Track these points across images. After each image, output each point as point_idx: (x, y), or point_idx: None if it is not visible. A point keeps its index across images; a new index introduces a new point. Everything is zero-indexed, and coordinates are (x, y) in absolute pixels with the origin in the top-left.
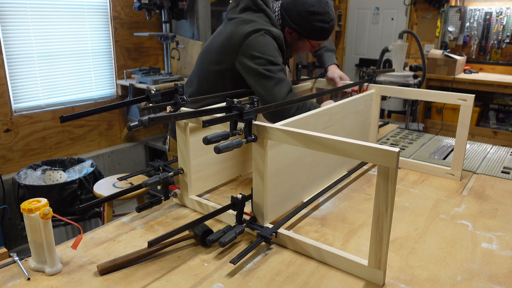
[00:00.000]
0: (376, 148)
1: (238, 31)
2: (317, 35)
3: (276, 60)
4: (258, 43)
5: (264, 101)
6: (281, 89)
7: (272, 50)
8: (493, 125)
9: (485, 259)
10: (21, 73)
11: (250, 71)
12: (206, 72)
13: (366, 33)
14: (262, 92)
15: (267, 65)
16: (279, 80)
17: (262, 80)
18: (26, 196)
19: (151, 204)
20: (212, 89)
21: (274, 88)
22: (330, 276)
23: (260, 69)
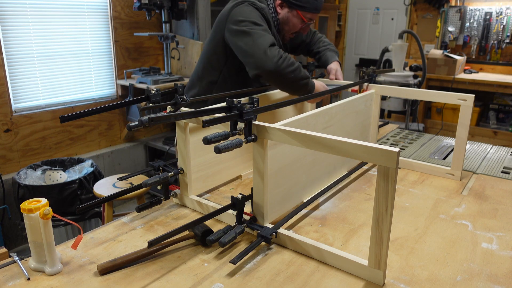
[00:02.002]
0: (376, 148)
1: (226, 7)
2: (306, 3)
3: (259, 22)
4: (242, 11)
5: (247, 55)
6: (263, 41)
7: (256, 17)
8: (493, 125)
9: (485, 259)
10: (21, 73)
11: (234, 33)
12: (204, 58)
13: (366, 33)
14: (245, 47)
15: (250, 25)
16: (261, 34)
17: (244, 37)
18: (26, 196)
19: (151, 204)
20: (210, 75)
21: (256, 41)
22: (330, 276)
23: (243, 28)
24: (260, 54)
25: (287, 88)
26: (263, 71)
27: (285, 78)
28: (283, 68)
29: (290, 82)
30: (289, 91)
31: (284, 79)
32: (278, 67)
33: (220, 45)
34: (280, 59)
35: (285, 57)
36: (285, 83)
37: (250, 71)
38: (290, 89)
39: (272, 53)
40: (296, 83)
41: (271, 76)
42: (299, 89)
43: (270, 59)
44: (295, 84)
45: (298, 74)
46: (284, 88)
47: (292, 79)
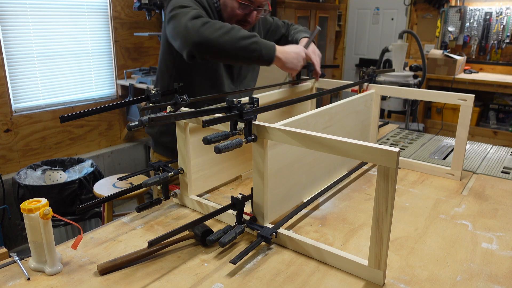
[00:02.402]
0: (376, 148)
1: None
2: None
3: (187, 4)
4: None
5: (174, 39)
6: (184, 17)
7: (186, 2)
8: (493, 125)
9: (485, 259)
10: (21, 73)
11: (167, 24)
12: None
13: (366, 33)
14: (171, 32)
15: (176, 10)
16: (185, 12)
17: (171, 23)
18: (26, 196)
19: (151, 204)
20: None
21: (179, 20)
22: (330, 276)
23: (170, 15)
24: (182, 30)
25: (229, 55)
26: (190, 47)
27: (218, 44)
28: (209, 33)
29: (227, 46)
30: (240, 59)
31: (217, 46)
32: (201, 35)
33: (166, 45)
34: (203, 26)
35: (211, 23)
36: (221, 50)
37: (183, 54)
38: (235, 56)
39: (194, 24)
40: (235, 46)
41: (201, 48)
42: (245, 51)
43: (192, 31)
44: (235, 46)
45: (234, 34)
46: (227, 57)
47: (228, 42)
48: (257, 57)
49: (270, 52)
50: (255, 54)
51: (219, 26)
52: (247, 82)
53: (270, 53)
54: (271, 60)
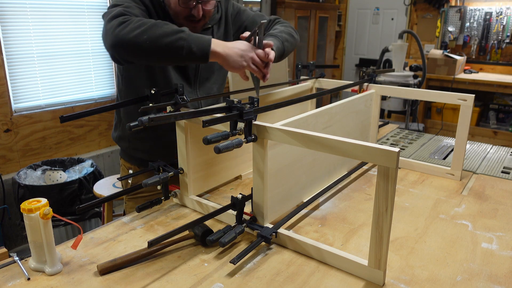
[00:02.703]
0: (376, 148)
1: None
2: None
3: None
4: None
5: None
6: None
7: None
8: (493, 125)
9: (485, 259)
10: (21, 73)
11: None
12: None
13: (366, 33)
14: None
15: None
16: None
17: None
18: (26, 196)
19: (151, 204)
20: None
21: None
22: (330, 276)
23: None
24: (102, 33)
25: (152, 56)
26: (108, 50)
27: (136, 45)
28: (125, 33)
29: (147, 46)
30: (163, 59)
31: (135, 47)
32: (116, 36)
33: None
34: (119, 26)
35: (129, 22)
36: (141, 50)
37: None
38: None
39: (111, 25)
40: (157, 44)
41: (118, 50)
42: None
43: (109, 32)
44: (157, 45)
45: (154, 32)
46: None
47: (147, 41)
48: (187, 55)
49: (203, 47)
50: (183, 51)
51: (138, 24)
52: (209, 85)
53: (204, 48)
54: (206, 56)
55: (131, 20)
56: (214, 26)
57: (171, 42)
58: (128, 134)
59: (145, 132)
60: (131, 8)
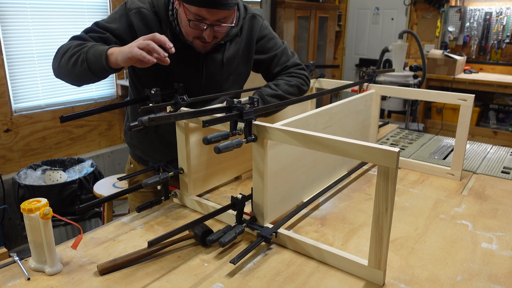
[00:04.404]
0: (376, 148)
1: None
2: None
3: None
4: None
5: None
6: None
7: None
8: (493, 125)
9: (485, 259)
10: (21, 73)
11: None
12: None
13: (366, 33)
14: None
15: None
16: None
17: None
18: (26, 196)
19: (151, 204)
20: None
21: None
22: (330, 276)
23: None
24: None
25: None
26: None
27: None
28: (53, 64)
29: (65, 70)
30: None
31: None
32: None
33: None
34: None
35: (58, 53)
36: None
37: None
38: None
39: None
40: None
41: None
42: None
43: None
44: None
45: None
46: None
47: (63, 65)
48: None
49: (99, 52)
50: (88, 62)
51: (61, 52)
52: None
53: (99, 53)
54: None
55: (61, 50)
56: (227, 43)
57: (76, 59)
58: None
59: (159, 141)
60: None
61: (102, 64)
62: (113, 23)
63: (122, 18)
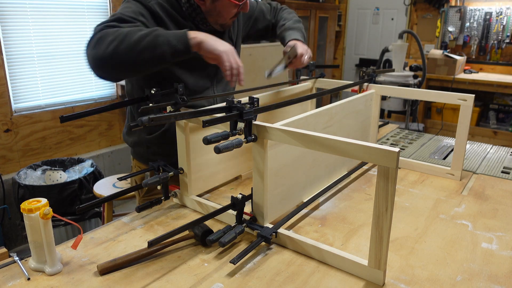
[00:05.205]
0: (376, 148)
1: None
2: None
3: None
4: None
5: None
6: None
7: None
8: (493, 125)
9: (485, 259)
10: (21, 73)
11: None
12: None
13: (366, 33)
14: None
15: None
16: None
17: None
18: (26, 196)
19: (151, 204)
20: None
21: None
22: (330, 276)
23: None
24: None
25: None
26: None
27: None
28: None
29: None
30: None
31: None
32: (93, 57)
33: None
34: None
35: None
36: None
37: None
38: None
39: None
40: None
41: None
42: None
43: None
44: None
45: (129, 39)
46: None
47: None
48: (170, 50)
49: (181, 38)
50: (164, 47)
51: (112, 38)
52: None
53: (182, 38)
54: (188, 46)
55: (104, 35)
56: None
57: (149, 43)
58: (145, 140)
59: (163, 138)
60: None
61: (186, 49)
62: (140, 16)
63: (143, 10)
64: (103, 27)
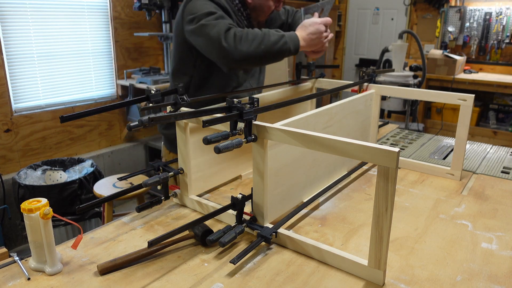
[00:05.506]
0: (376, 148)
1: (181, 6)
2: None
3: (212, 11)
4: (192, 6)
5: (208, 53)
6: (216, 32)
7: (207, 7)
8: (493, 125)
9: (485, 259)
10: (21, 73)
11: (191, 34)
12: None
13: (366, 33)
14: (203, 46)
15: (201, 19)
16: (214, 25)
17: (200, 36)
18: (26, 196)
19: (151, 204)
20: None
21: (211, 36)
22: (330, 276)
23: (196, 26)
24: (218, 47)
25: (267, 61)
26: (231, 64)
27: (257, 56)
28: (247, 48)
29: (265, 54)
30: (273, 61)
31: (257, 57)
32: (240, 52)
33: (184, 48)
34: (239, 42)
35: (243, 36)
36: (261, 58)
37: (221, 67)
38: (272, 60)
39: (228, 41)
40: (271, 52)
41: (241, 63)
42: (279, 54)
43: (229, 49)
44: (272, 52)
45: (267, 41)
46: (264, 62)
47: (265, 51)
48: (287, 54)
49: (296, 44)
50: (286, 53)
51: (252, 37)
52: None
53: (296, 44)
54: (297, 52)
55: (244, 33)
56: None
57: (280, 47)
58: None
59: None
60: (225, 18)
61: (296, 52)
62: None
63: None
64: (229, 26)
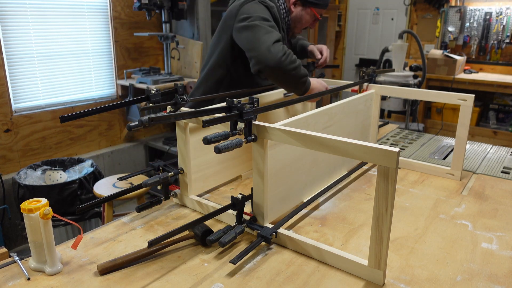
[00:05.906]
0: (376, 148)
1: (235, 4)
2: (319, 0)
3: (268, 18)
4: (251, 8)
5: (251, 50)
6: (269, 37)
7: (264, 13)
8: (493, 125)
9: (485, 259)
10: (21, 73)
11: (241, 29)
12: (211, 57)
13: (366, 33)
14: (249, 42)
15: (257, 20)
16: (268, 30)
17: (250, 32)
18: (26, 196)
19: (151, 204)
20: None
21: (261, 36)
22: (330, 276)
23: (249, 23)
24: (263, 49)
25: (287, 85)
26: (265, 67)
27: (286, 75)
28: (286, 64)
29: (291, 79)
30: (288, 88)
31: (285, 76)
32: (281, 63)
33: (228, 44)
34: (283, 55)
35: (288, 53)
36: (286, 80)
37: (252, 66)
38: (290, 86)
39: (276, 49)
40: (296, 80)
41: (273, 72)
42: (298, 86)
43: (274, 55)
44: (295, 81)
45: (299, 71)
46: (284, 84)
47: (293, 76)
48: (301, 91)
49: (307, 87)
50: (302, 89)
51: (293, 59)
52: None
53: (307, 88)
54: (302, 94)
55: (290, 54)
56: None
57: (303, 82)
58: None
59: None
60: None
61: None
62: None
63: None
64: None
